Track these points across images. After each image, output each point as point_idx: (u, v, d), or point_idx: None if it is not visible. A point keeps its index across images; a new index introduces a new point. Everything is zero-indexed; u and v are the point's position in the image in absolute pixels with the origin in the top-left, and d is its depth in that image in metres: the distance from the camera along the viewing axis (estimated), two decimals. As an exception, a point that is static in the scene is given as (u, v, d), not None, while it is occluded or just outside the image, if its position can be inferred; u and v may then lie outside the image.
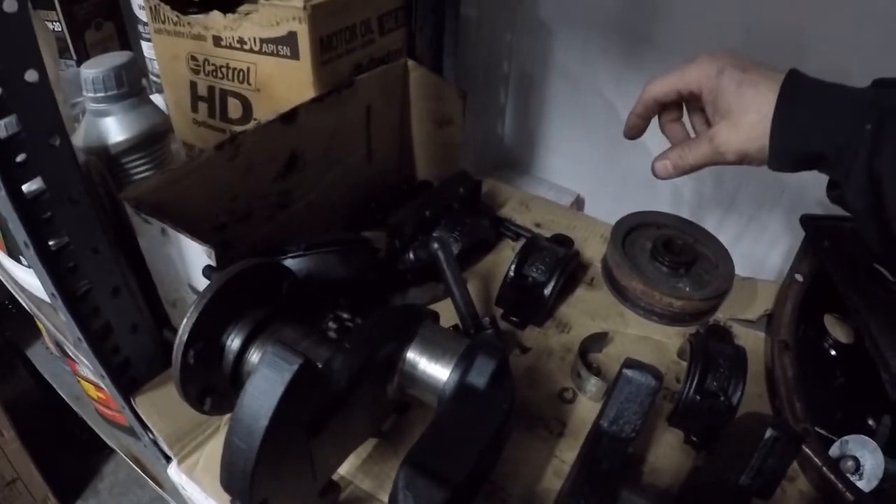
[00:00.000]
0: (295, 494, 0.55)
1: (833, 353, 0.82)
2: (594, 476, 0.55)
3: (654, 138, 1.11)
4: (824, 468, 0.66)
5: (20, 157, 0.51)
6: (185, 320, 0.56)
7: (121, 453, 1.38)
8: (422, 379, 0.59)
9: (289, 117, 0.77)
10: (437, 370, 0.58)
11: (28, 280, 0.90)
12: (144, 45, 1.15)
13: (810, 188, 0.98)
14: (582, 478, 0.56)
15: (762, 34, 0.93)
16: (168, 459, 0.75)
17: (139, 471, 1.34)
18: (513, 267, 0.82)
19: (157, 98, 1.08)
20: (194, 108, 0.97)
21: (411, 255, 0.81)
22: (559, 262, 0.83)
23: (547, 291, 0.81)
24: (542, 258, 0.83)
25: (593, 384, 0.74)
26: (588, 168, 1.19)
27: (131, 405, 0.72)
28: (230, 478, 0.49)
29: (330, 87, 0.83)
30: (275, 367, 0.46)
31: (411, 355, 0.59)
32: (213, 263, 0.62)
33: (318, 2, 0.79)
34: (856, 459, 0.69)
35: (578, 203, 1.24)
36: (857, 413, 0.75)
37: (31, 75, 0.49)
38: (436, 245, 0.75)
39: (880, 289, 0.79)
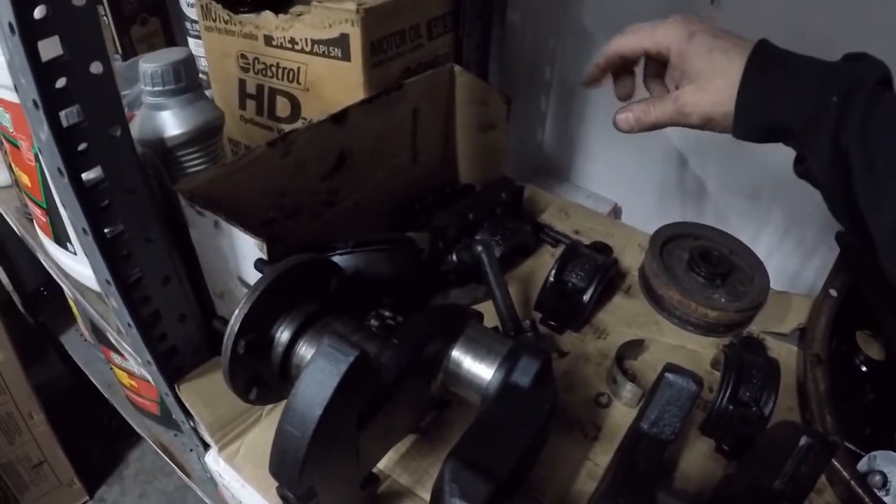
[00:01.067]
0: (339, 484, 0.57)
1: (864, 369, 0.82)
2: (632, 476, 0.56)
3: (691, 149, 1.13)
4: (852, 482, 0.66)
5: (82, 146, 0.53)
6: (237, 311, 0.58)
7: (150, 441, 1.41)
8: (466, 377, 0.60)
9: (339, 117, 0.79)
10: (481, 369, 0.59)
11: (74, 267, 0.92)
12: (191, 41, 1.18)
13: None
14: (619, 478, 0.57)
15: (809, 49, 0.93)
16: (206, 447, 0.77)
17: (167, 459, 1.36)
18: (553, 272, 0.83)
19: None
20: (242, 106, 0.99)
21: (454, 257, 0.82)
22: (598, 269, 0.84)
23: (586, 298, 0.82)
24: (581, 265, 0.84)
25: (629, 390, 0.75)
26: (626, 177, 1.20)
27: (175, 392, 0.74)
28: (280, 464, 0.50)
29: (379, 90, 0.84)
30: (331, 358, 0.48)
31: (456, 354, 0.60)
32: (265, 257, 0.64)
33: (370, 5, 0.81)
34: (883, 475, 0.69)
35: (616, 212, 1.25)
36: (885, 429, 0.75)
37: (95, 67, 0.51)
38: (480, 248, 0.76)
39: None
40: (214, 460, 0.73)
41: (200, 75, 1.16)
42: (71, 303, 1.58)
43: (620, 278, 0.94)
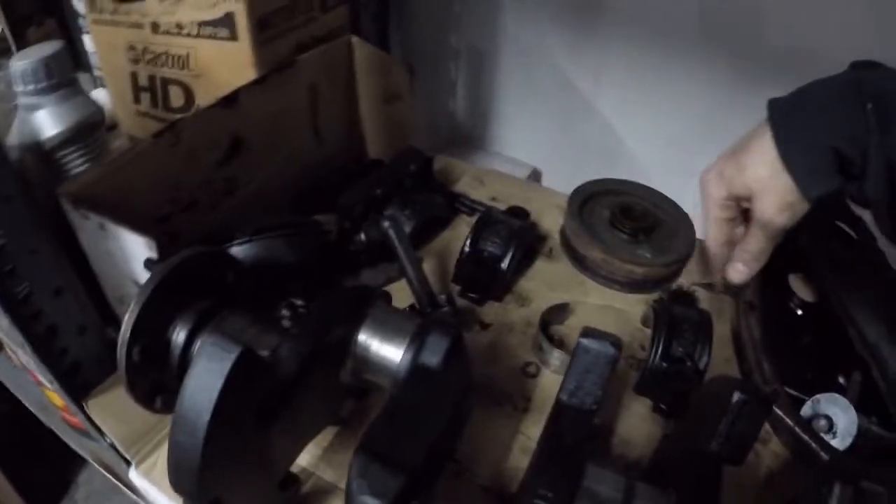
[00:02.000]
0: (251, 489, 0.54)
1: (799, 312, 0.81)
2: (559, 451, 0.54)
3: (607, 105, 1.11)
4: (797, 428, 0.66)
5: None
6: (126, 316, 0.54)
7: (91, 461, 1.35)
8: (374, 361, 0.57)
9: (229, 101, 0.74)
10: (389, 351, 0.56)
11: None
12: (85, 38, 1.11)
13: None
14: (546, 453, 0.55)
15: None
16: (128, 463, 0.73)
17: (111, 477, 1.31)
18: (468, 242, 0.81)
19: (101, 92, 1.04)
20: (136, 100, 0.94)
21: (362, 236, 0.79)
22: (515, 234, 0.81)
23: (504, 265, 0.80)
24: (497, 231, 0.81)
25: (556, 357, 0.73)
26: (544, 140, 1.17)
27: (84, 410, 0.70)
28: (178, 477, 0.47)
29: (271, 69, 0.80)
30: (213, 357, 0.44)
31: (363, 337, 0.57)
32: (155, 255, 0.60)
33: (254, -20, 0.77)
34: (828, 418, 0.68)
35: (535, 176, 1.23)
36: (826, 372, 0.75)
37: None
38: (387, 223, 0.73)
39: (844, 247, 0.79)
40: (136, 476, 0.70)
41: (97, 73, 1.10)
42: (-6, 325, 1.51)
43: (541, 242, 0.91)
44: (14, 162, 0.63)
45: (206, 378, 0.44)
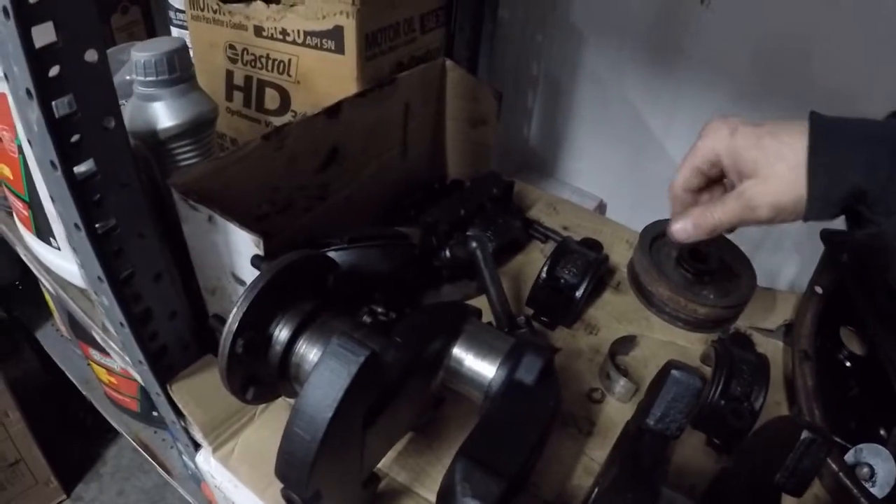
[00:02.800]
0: (343, 484, 0.55)
1: (848, 364, 0.82)
2: (637, 472, 0.56)
3: (676, 146, 1.12)
4: (841, 473, 0.67)
5: (74, 138, 0.50)
6: (235, 309, 0.56)
7: (129, 438, 1.38)
8: (468, 375, 0.59)
9: (333, 111, 0.77)
10: (483, 367, 0.58)
11: (56, 262, 0.89)
12: (174, 31, 1.14)
13: None
14: (625, 473, 0.56)
15: (789, 47, 0.94)
16: (196, 447, 0.75)
17: (147, 457, 1.34)
18: (545, 269, 0.82)
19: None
20: (229, 97, 0.96)
21: (447, 253, 0.81)
22: (590, 265, 0.83)
23: (578, 294, 0.81)
24: (573, 261, 0.83)
25: (622, 385, 0.75)
26: (611, 173, 1.19)
27: (168, 393, 0.72)
28: (288, 467, 0.48)
29: (371, 83, 0.82)
30: (341, 358, 0.46)
31: (458, 351, 0.59)
32: (262, 253, 0.62)
33: (365, -2, 0.80)
34: (870, 466, 0.69)
35: (601, 208, 1.24)
36: (870, 423, 0.75)
37: (90, 55, 0.48)
38: (474, 243, 0.75)
39: (893, 301, 0.78)
40: (206, 460, 0.71)
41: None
42: (47, 297, 1.54)
43: (610, 275, 0.93)
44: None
45: (331, 376, 0.46)
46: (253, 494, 0.67)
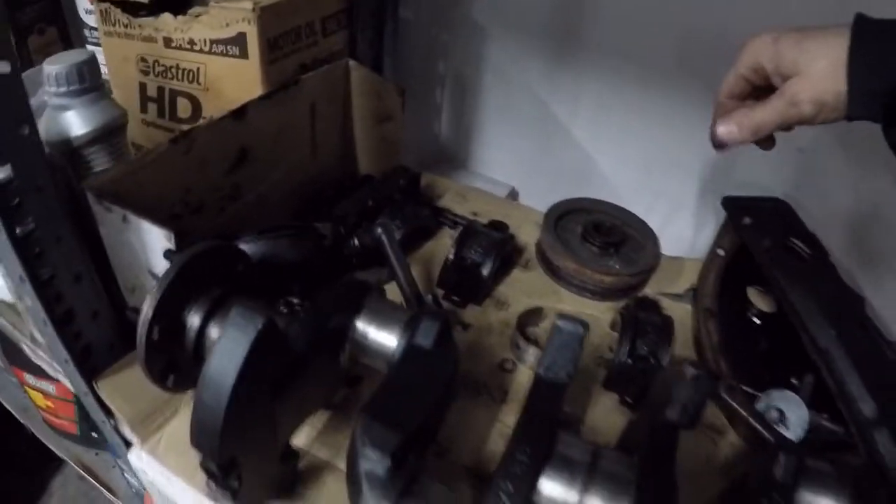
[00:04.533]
0: (259, 457, 0.61)
1: (757, 321, 0.90)
2: (534, 420, 0.62)
3: (582, 130, 1.21)
4: (751, 419, 0.72)
5: (-9, 147, 0.56)
6: (149, 298, 0.61)
7: (71, 463, 1.40)
8: (372, 346, 0.64)
9: (239, 113, 0.82)
10: (385, 337, 0.64)
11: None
12: (89, 48, 1.19)
13: (733, 172, 1.10)
14: (523, 424, 0.63)
15: (692, 34, 1.03)
16: (128, 446, 0.79)
17: (91, 479, 1.36)
18: (453, 250, 0.89)
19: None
20: (143, 109, 1.01)
21: (356, 241, 0.87)
22: (495, 244, 0.90)
23: (485, 272, 0.88)
24: (479, 241, 0.89)
25: (531, 353, 0.81)
26: (522, 161, 1.26)
27: (94, 390, 0.76)
28: (200, 434, 0.53)
29: (277, 86, 0.88)
30: (240, 326, 0.52)
31: (361, 324, 0.65)
32: (174, 247, 0.67)
33: (266, 4, 0.85)
34: (780, 411, 0.75)
35: (513, 195, 1.31)
36: (781, 374, 0.81)
37: (2, 66, 0.53)
38: (379, 230, 0.81)
39: (797, 260, 0.86)
40: (138, 457, 0.75)
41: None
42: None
43: (518, 254, 1.00)
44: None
45: (232, 345, 0.51)
46: (182, 482, 0.71)
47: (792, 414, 0.75)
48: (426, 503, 0.53)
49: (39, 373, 1.23)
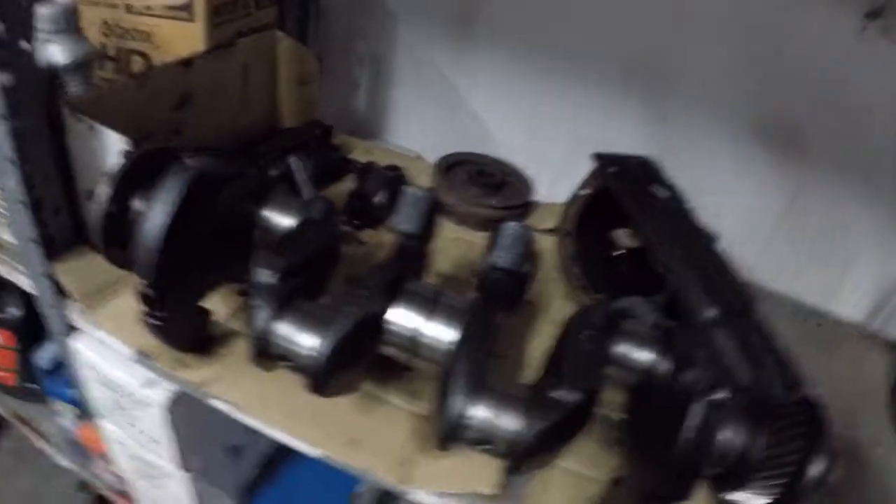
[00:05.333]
0: (184, 299, 0.87)
1: (620, 253, 1.16)
2: (391, 266, 0.86)
3: (480, 102, 1.51)
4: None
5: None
6: (107, 179, 0.87)
7: (8, 418, 1.65)
8: (275, 227, 0.92)
9: (187, 62, 1.10)
10: (283, 220, 0.91)
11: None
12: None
13: (607, 140, 1.30)
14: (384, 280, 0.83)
15: (570, 18, 1.33)
16: (72, 331, 1.06)
17: (25, 431, 1.61)
18: (354, 184, 1.19)
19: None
20: (100, 67, 1.30)
21: (274, 172, 1.16)
22: (388, 180, 1.20)
23: (376, 199, 1.18)
24: (376, 178, 1.20)
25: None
26: (430, 133, 1.58)
27: (50, 274, 1.02)
28: (141, 256, 0.78)
29: (217, 45, 1.18)
30: (177, 174, 0.79)
31: (266, 212, 0.92)
32: (131, 149, 0.95)
33: (211, -23, 1.16)
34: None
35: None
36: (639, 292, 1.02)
37: None
38: (291, 159, 1.11)
39: (654, 202, 1.09)
40: (80, 340, 1.04)
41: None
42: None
43: (413, 193, 1.30)
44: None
45: (168, 193, 0.79)
46: (119, 343, 0.96)
47: (642, 315, 0.95)
48: (302, 312, 0.77)
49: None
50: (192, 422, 1.08)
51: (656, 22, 1.27)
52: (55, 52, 1.01)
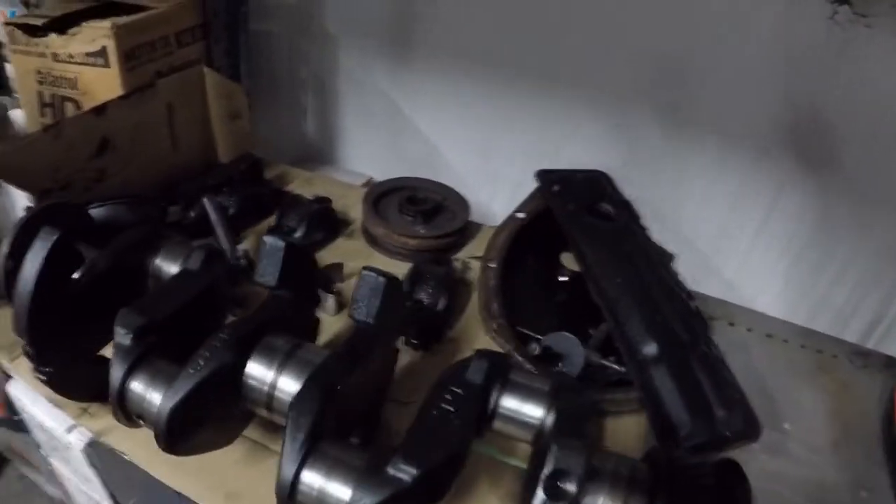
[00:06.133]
0: (71, 353, 0.96)
1: (563, 278, 1.18)
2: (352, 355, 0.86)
3: (424, 122, 1.58)
4: (515, 353, 1.04)
5: None
6: (7, 237, 0.99)
7: (4, 453, 1.80)
8: (164, 274, 1.02)
9: (100, 110, 1.19)
10: (173, 267, 1.01)
11: None
12: (7, 65, 1.62)
13: (562, 153, 1.43)
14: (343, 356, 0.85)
15: (510, 30, 1.39)
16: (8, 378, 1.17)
17: (24, 470, 1.76)
18: (274, 218, 1.28)
19: (18, 112, 1.53)
20: (42, 114, 1.41)
21: (192, 214, 1.25)
22: (313, 214, 1.27)
23: (298, 234, 1.25)
24: (297, 211, 1.28)
25: (331, 302, 1.16)
26: (378, 154, 1.66)
27: None
28: (17, 323, 0.89)
29: (134, 88, 1.28)
30: (42, 238, 0.88)
31: (158, 261, 1.02)
32: (33, 205, 1.06)
33: (122, 23, 1.24)
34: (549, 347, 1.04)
35: (369, 184, 1.66)
36: (581, 326, 1.08)
37: None
38: (204, 199, 1.19)
39: (601, 221, 1.09)
40: (14, 387, 1.15)
41: (14, 94, 1.60)
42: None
43: (345, 225, 1.38)
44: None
45: (38, 249, 0.87)
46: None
47: (570, 352, 1.03)
48: (153, 370, 0.83)
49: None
50: (115, 463, 1.15)
51: (585, 27, 1.33)
52: (-40, 113, 1.14)
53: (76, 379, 1.00)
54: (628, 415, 1.03)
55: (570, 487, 0.68)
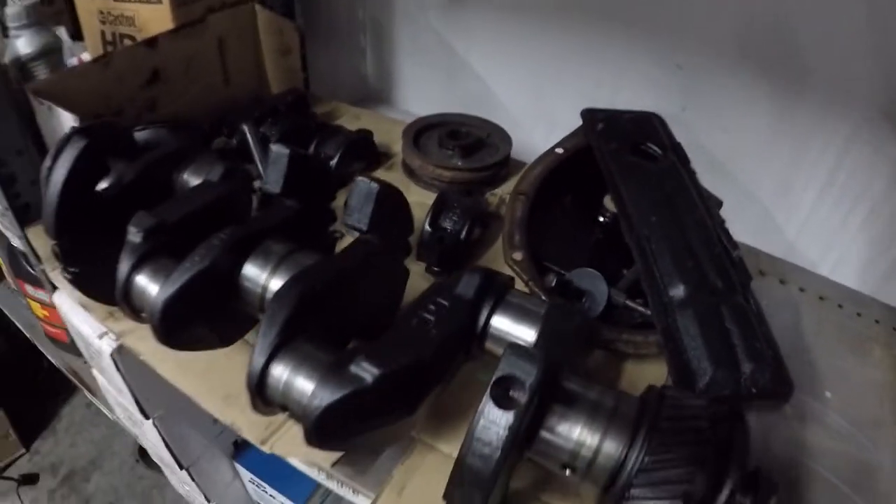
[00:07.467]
0: (98, 254, 1.12)
1: (602, 219, 1.21)
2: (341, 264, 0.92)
3: (479, 63, 1.73)
4: (530, 283, 1.10)
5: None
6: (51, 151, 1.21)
7: (62, 369, 2.06)
8: (184, 187, 1.22)
9: (150, 42, 1.40)
10: (195, 179, 1.21)
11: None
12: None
13: (619, 95, 1.53)
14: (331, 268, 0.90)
15: None
16: (55, 289, 1.37)
17: (75, 381, 2.01)
18: (312, 146, 1.45)
19: (87, 56, 1.77)
20: (105, 52, 1.66)
21: (234, 141, 1.44)
22: (348, 142, 1.44)
23: (332, 163, 1.42)
24: (334, 140, 1.44)
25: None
26: (434, 95, 1.82)
27: (26, 235, 1.36)
28: (45, 220, 1.10)
29: (184, 23, 1.48)
30: (73, 142, 1.10)
31: (186, 175, 1.22)
32: (78, 125, 1.27)
33: (174, -38, 1.47)
34: (580, 289, 1.11)
35: (416, 120, 1.84)
36: (614, 269, 1.14)
37: None
38: (244, 126, 1.39)
39: (643, 160, 1.15)
40: (59, 296, 1.35)
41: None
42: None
43: (387, 159, 1.55)
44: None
45: (67, 154, 1.09)
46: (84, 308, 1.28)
47: (594, 290, 1.11)
48: (156, 266, 0.95)
49: (36, 282, 1.84)
50: (139, 371, 1.30)
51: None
52: (22, 45, 1.37)
53: (102, 282, 1.10)
54: (651, 360, 1.07)
55: (521, 397, 0.69)
